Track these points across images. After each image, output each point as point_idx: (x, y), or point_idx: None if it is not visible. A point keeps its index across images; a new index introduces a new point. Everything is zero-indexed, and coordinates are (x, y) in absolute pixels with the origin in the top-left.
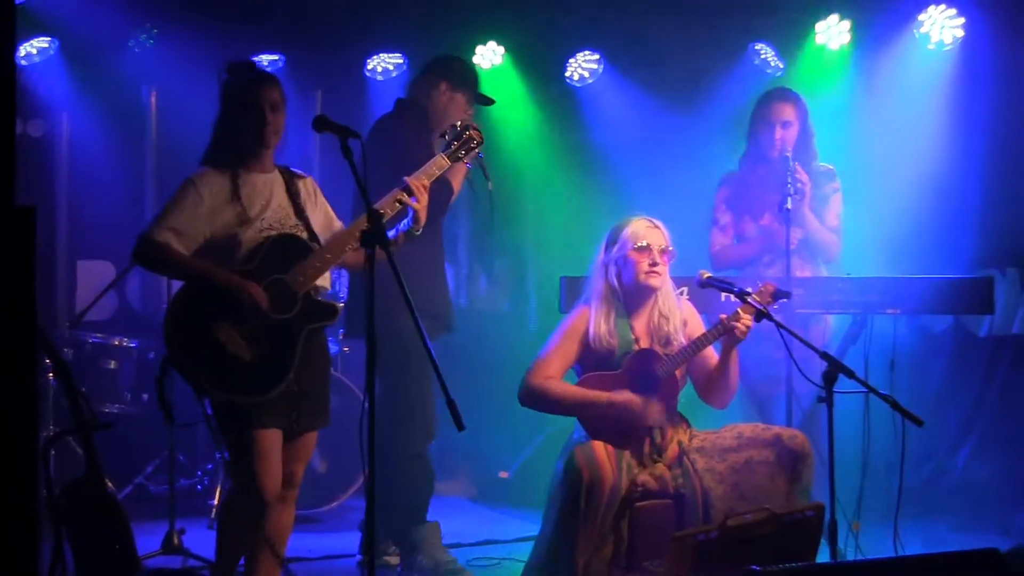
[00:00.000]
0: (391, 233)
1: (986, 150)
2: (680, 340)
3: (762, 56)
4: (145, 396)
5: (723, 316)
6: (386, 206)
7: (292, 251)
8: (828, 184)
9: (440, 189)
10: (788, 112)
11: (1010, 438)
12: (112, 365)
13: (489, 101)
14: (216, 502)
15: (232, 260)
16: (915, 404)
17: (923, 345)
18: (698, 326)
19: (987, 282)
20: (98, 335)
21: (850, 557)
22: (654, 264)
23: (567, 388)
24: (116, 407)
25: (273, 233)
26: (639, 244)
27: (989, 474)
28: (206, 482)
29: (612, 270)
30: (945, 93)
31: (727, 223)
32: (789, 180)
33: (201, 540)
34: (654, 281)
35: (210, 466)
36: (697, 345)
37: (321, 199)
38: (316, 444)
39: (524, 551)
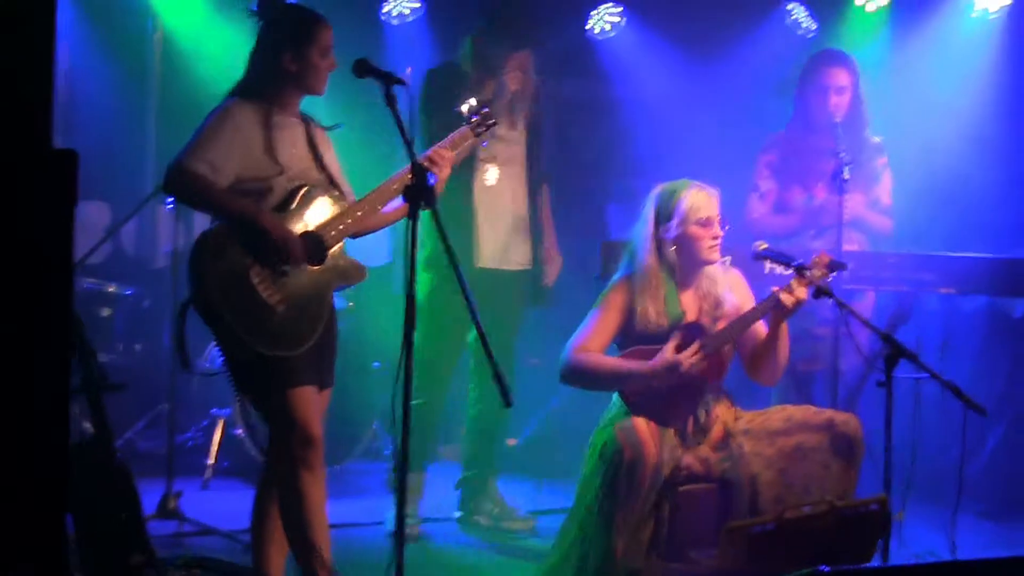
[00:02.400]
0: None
1: None
2: (731, 301)
3: (794, 16)
4: (138, 346)
5: (775, 288)
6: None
7: (325, 204)
8: (878, 158)
9: None
10: (843, 77)
11: None
12: (105, 313)
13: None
14: (211, 461)
15: (261, 207)
16: None
17: (956, 324)
18: (747, 295)
19: None
20: (91, 280)
21: (894, 549)
22: (716, 238)
23: (609, 360)
24: (109, 357)
25: (303, 184)
26: (702, 218)
27: (1018, 461)
28: (200, 439)
29: (667, 246)
30: (988, 64)
31: (769, 190)
32: (842, 149)
33: (196, 503)
34: (716, 255)
35: (204, 422)
36: (746, 320)
37: (332, 152)
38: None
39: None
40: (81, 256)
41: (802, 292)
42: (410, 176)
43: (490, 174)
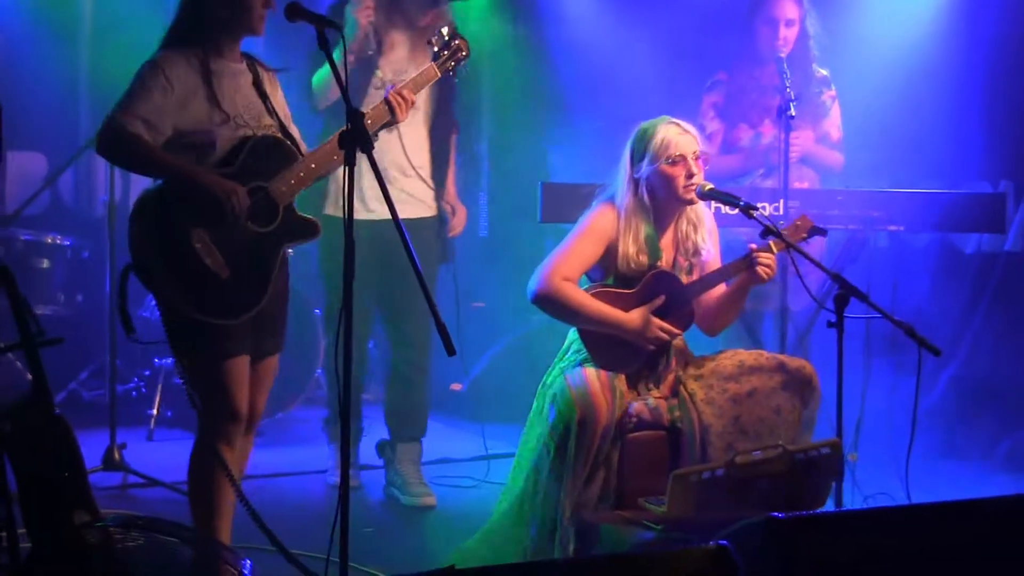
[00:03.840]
0: None
1: (987, 56)
2: (708, 249)
3: None
4: (80, 297)
5: (752, 246)
6: (376, 115)
7: (275, 156)
8: (825, 91)
9: None
10: (792, 9)
11: (993, 364)
12: (44, 264)
13: None
14: (155, 411)
15: (206, 160)
16: None
17: (906, 262)
18: (715, 238)
19: (1000, 199)
20: (29, 232)
21: (847, 491)
22: (691, 176)
23: (588, 300)
24: (48, 309)
25: (251, 133)
26: (673, 156)
27: (971, 399)
28: (143, 389)
29: (643, 186)
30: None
31: (715, 131)
32: (788, 84)
33: (141, 454)
34: (691, 195)
35: (147, 372)
36: (719, 276)
37: (280, 93)
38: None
39: (481, 470)
40: (16, 208)
41: (771, 259)
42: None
43: None
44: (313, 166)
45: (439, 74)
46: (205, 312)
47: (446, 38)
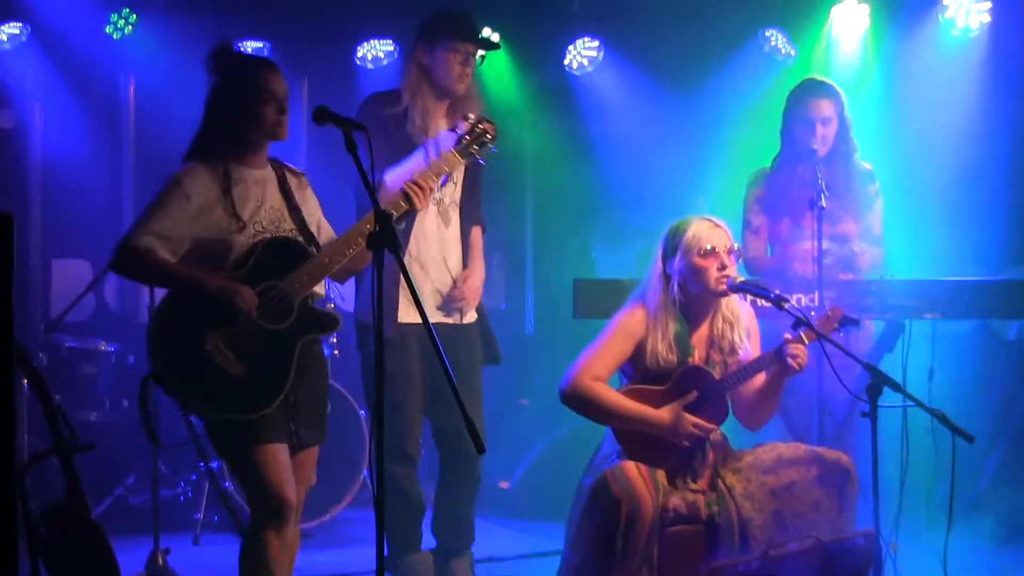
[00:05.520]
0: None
1: (1015, 142)
2: (745, 347)
3: (772, 43)
4: (125, 403)
5: (787, 336)
6: (392, 205)
7: (287, 255)
8: (870, 186)
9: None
10: (827, 107)
11: None
12: (89, 370)
13: (491, 45)
14: (201, 515)
15: (222, 265)
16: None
17: (948, 350)
18: (756, 337)
19: None
20: (74, 339)
21: None
22: (723, 268)
23: (619, 398)
24: (94, 415)
25: (267, 236)
26: (704, 249)
27: (1018, 486)
28: (189, 493)
29: (675, 280)
30: (971, 82)
31: (760, 225)
32: (819, 177)
33: (186, 559)
34: (725, 287)
35: (193, 476)
36: (752, 369)
37: (309, 194)
38: (316, 462)
39: (528, 570)
40: (58, 315)
41: (804, 351)
42: (373, 223)
43: (431, 218)
44: (327, 261)
45: (461, 160)
46: (221, 410)
47: (472, 123)
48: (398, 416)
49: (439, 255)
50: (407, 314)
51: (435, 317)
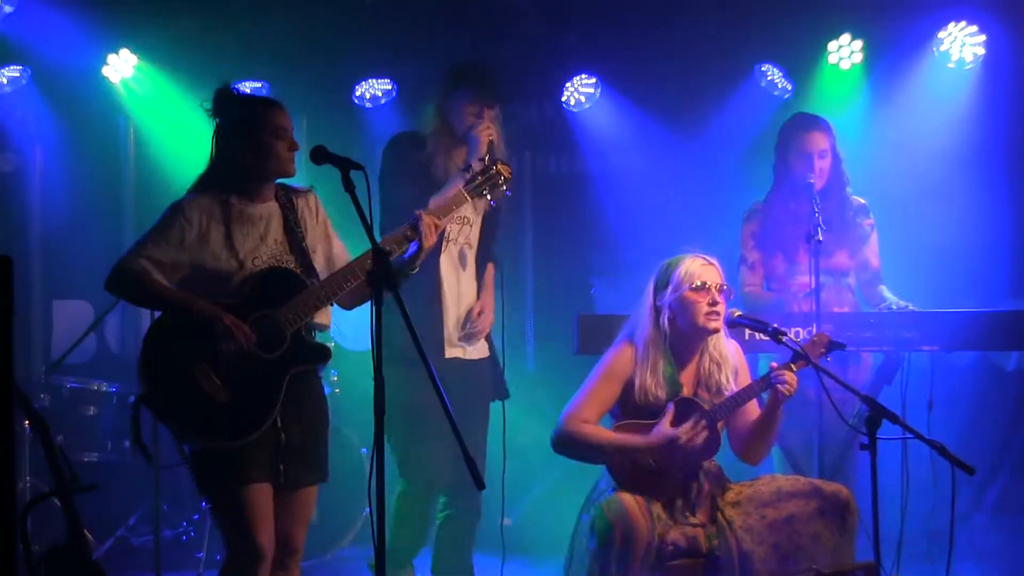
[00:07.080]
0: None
1: (1012, 174)
2: (731, 389)
3: (769, 78)
4: (127, 443)
5: (773, 364)
6: (394, 242)
7: (284, 286)
8: (865, 220)
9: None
10: (822, 140)
11: None
12: (91, 411)
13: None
14: (203, 555)
15: (220, 293)
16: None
17: (948, 382)
18: (745, 374)
19: None
20: (76, 380)
21: None
22: (714, 304)
23: (605, 433)
24: (96, 455)
25: (261, 268)
26: (695, 284)
27: (1019, 516)
28: (192, 533)
29: (665, 314)
30: (966, 115)
31: (756, 261)
32: (816, 210)
33: None
34: (715, 324)
35: (196, 516)
36: (741, 398)
37: (323, 215)
38: (315, 503)
39: None
40: (59, 356)
41: (793, 376)
42: (371, 261)
43: (454, 254)
44: (323, 294)
45: (468, 199)
46: (206, 437)
47: (485, 164)
48: (437, 447)
49: (456, 292)
50: (451, 350)
51: (453, 352)
